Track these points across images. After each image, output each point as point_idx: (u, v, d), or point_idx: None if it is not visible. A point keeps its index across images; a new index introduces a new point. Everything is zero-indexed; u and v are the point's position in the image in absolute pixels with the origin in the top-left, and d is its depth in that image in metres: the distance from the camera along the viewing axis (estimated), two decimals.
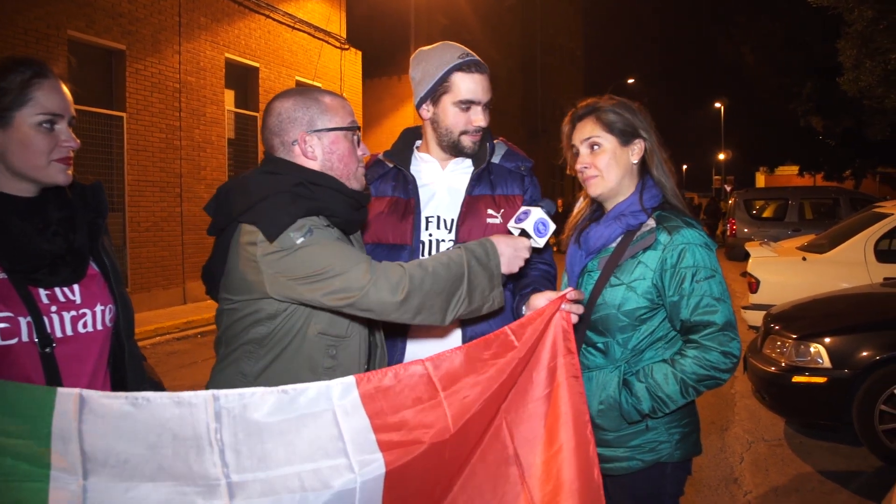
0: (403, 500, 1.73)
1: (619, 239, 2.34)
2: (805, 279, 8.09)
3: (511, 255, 2.11)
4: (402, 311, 1.93)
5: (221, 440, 1.55)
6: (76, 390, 1.47)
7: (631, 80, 43.91)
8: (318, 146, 2.10)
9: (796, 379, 5.40)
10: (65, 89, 1.90)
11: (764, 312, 6.63)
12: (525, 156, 2.73)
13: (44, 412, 1.44)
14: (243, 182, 2.07)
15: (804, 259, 8.47)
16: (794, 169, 34.87)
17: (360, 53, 19.52)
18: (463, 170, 2.66)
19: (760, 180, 42.84)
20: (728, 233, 18.59)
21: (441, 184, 2.64)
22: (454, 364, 1.82)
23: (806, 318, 5.95)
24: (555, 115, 41.50)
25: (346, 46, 18.66)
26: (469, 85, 2.53)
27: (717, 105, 49.10)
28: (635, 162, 2.38)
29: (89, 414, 1.47)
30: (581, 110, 2.42)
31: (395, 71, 23.45)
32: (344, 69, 18.71)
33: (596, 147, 2.36)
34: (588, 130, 2.36)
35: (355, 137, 2.18)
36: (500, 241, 2.11)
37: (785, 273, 8.48)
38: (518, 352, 1.90)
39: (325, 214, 2.03)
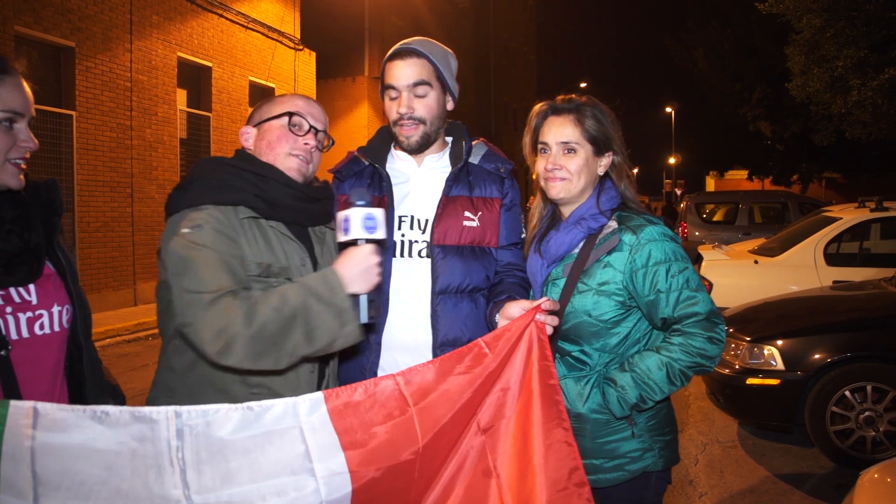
0: None
1: (582, 244, 2.31)
2: (757, 282, 8.24)
3: (360, 271, 1.96)
4: (221, 359, 1.85)
5: (183, 459, 1.50)
6: (30, 404, 1.41)
7: (584, 84, 44.29)
8: (253, 135, 2.24)
9: (750, 381, 5.48)
10: (26, 87, 1.82)
11: None
12: (505, 157, 2.64)
13: None
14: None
15: (756, 262, 8.63)
16: (744, 173, 35.46)
17: (314, 54, 19.36)
18: (440, 169, 2.57)
19: (710, 184, 43.56)
20: (680, 236, 18.84)
21: (416, 182, 2.55)
22: (426, 378, 1.79)
23: (759, 321, 6.05)
24: (507, 118, 41.84)
25: (300, 47, 18.51)
26: (390, 71, 2.48)
27: (668, 109, 49.80)
28: (601, 174, 2.36)
29: (43, 430, 1.41)
30: (561, 105, 2.35)
31: (350, 72, 23.33)
32: (298, 70, 18.54)
33: (570, 151, 2.31)
34: (568, 133, 2.31)
35: (289, 123, 2.20)
36: (342, 266, 1.97)
37: (737, 276, 8.62)
38: (491, 364, 1.88)
39: (249, 206, 2.06)
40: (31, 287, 1.83)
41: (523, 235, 2.59)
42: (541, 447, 1.86)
